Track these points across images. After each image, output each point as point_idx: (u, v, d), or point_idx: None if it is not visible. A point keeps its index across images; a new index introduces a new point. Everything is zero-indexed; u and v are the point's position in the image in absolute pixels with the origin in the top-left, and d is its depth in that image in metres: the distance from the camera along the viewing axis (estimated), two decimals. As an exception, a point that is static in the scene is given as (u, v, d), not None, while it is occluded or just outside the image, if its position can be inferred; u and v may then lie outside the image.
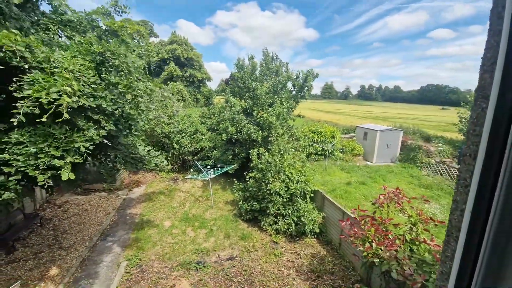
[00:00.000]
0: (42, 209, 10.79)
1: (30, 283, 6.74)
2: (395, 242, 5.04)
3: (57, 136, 4.20)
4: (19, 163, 4.01)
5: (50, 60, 4.23)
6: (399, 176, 15.44)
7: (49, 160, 4.07)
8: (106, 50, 4.88)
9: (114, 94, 5.02)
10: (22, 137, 4.11)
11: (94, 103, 4.58)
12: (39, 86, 3.91)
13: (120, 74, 4.98)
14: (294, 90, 14.78)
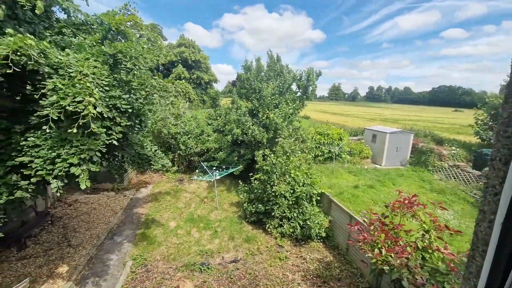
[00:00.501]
0: (53, 207, 11.00)
1: (39, 280, 6.83)
2: (406, 249, 4.85)
3: (75, 144, 4.24)
4: (37, 165, 4.08)
5: (65, 66, 4.28)
6: (410, 180, 15.04)
7: (67, 166, 4.13)
8: (118, 52, 4.93)
9: (127, 93, 5.07)
10: (38, 139, 4.16)
11: (110, 103, 4.64)
12: (62, 93, 3.97)
13: (133, 73, 5.03)
14: (299, 91, 14.65)
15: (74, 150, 4.16)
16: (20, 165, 4.19)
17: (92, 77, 4.32)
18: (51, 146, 4.09)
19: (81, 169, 4.13)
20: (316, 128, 19.66)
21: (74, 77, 4.12)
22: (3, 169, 4.20)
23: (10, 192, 4.27)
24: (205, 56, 51.08)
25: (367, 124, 32.57)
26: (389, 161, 18.21)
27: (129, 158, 7.15)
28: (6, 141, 4.31)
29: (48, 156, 4.03)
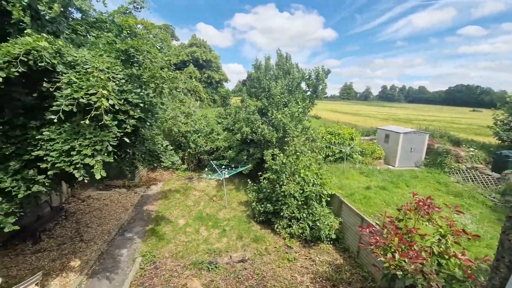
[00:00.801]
0: (67, 202, 11.32)
1: (52, 273, 7.03)
2: (421, 254, 4.63)
3: (88, 136, 4.33)
4: (53, 158, 4.18)
5: (80, 63, 4.37)
6: (425, 182, 14.51)
7: (82, 158, 4.22)
8: (130, 47, 4.98)
9: (138, 87, 5.13)
10: (52, 134, 4.26)
11: (123, 97, 4.70)
12: (76, 86, 4.06)
13: (144, 66, 5.09)
14: (309, 90, 14.41)
15: (87, 142, 4.25)
16: (36, 159, 4.30)
17: (106, 71, 4.39)
18: (65, 139, 4.19)
19: (95, 160, 4.22)
20: (327, 128, 19.31)
21: (90, 72, 4.22)
22: (20, 163, 4.32)
23: (27, 186, 4.39)
24: (216, 55, 51.37)
25: (379, 124, 31.78)
26: (403, 162, 17.66)
27: (140, 155, 7.22)
28: (23, 137, 4.45)
29: (63, 148, 4.13)
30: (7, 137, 4.33)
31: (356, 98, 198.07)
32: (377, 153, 18.36)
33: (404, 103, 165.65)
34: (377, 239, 5.19)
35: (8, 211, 4.39)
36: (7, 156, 4.31)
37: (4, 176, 4.15)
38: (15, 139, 4.38)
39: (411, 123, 37.01)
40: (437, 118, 52.13)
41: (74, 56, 4.33)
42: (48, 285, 6.57)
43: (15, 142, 4.39)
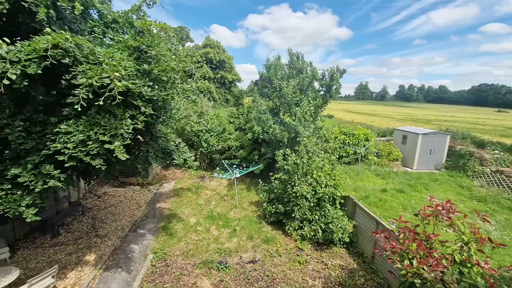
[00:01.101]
0: (84, 198, 11.71)
1: (68, 267, 7.25)
2: (441, 262, 4.34)
3: (103, 124, 4.46)
4: (70, 150, 4.31)
5: (95, 53, 4.51)
6: (445, 186, 13.81)
7: (98, 146, 4.34)
8: (142, 43, 5.04)
9: (151, 81, 5.19)
10: (69, 127, 4.39)
11: (136, 90, 4.77)
12: (91, 74, 4.21)
13: (156, 61, 5.15)
14: (322, 90, 14.07)
15: (103, 130, 4.38)
16: (53, 154, 4.43)
17: (118, 61, 4.52)
18: (81, 130, 4.33)
19: (114, 145, 4.35)
20: (341, 128, 18.86)
21: (102, 61, 4.36)
22: (39, 158, 4.47)
23: (44, 181, 4.53)
24: (230, 56, 51.77)
25: (396, 125, 30.69)
26: (422, 165, 16.91)
27: (153, 152, 7.30)
28: (42, 132, 4.62)
29: (79, 139, 4.28)
30: (28, 132, 4.50)
31: (372, 98, 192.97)
32: (394, 155, 17.73)
33: (423, 103, 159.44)
34: (393, 244, 4.92)
35: (29, 203, 4.56)
36: (27, 151, 4.47)
37: (23, 171, 4.31)
38: (35, 134, 4.56)
39: (430, 124, 35.50)
40: (459, 119, 49.74)
41: (91, 48, 4.47)
42: (64, 278, 6.78)
43: (35, 138, 4.56)
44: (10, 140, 4.32)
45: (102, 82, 4.12)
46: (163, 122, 6.29)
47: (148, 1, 6.27)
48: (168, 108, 6.10)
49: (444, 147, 16.81)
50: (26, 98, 4.60)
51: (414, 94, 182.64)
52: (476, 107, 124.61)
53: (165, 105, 5.96)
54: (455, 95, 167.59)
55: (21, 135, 4.37)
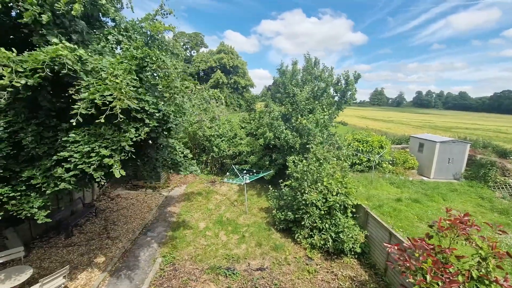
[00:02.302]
0: (98, 200, 12.05)
1: (79, 267, 7.43)
2: (457, 279, 4.09)
3: (107, 137, 4.57)
4: (76, 160, 4.46)
5: (99, 71, 4.63)
6: (464, 196, 13.14)
7: (99, 159, 4.43)
8: (147, 55, 5.15)
9: (155, 96, 5.27)
10: (77, 136, 4.54)
11: (139, 106, 4.86)
12: (93, 89, 4.30)
13: (159, 75, 5.23)
14: (337, 96, 13.85)
15: (106, 143, 4.47)
16: (63, 160, 4.58)
17: (122, 76, 4.60)
18: (87, 141, 4.44)
19: (113, 160, 4.41)
20: (354, 135, 18.49)
21: (105, 78, 4.44)
22: (50, 162, 4.64)
23: (55, 183, 4.69)
24: (243, 62, 52.49)
25: (413, 132, 29.73)
26: (439, 174, 16.22)
27: (161, 161, 7.42)
28: (54, 138, 4.79)
29: (85, 150, 4.38)
30: (41, 137, 4.69)
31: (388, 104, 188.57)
32: (409, 163, 17.13)
33: (441, 110, 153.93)
34: (407, 259, 4.68)
35: (41, 204, 4.73)
36: (40, 156, 4.66)
37: (36, 173, 4.50)
38: (47, 139, 4.73)
39: (450, 131, 34.13)
40: (481, 126, 47.50)
41: (93, 63, 4.59)
42: (75, 278, 6.94)
43: (47, 143, 4.74)
44: (24, 144, 4.50)
45: (104, 100, 4.21)
46: (168, 134, 6.38)
47: (162, 11, 6.45)
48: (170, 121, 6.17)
49: (464, 156, 16.06)
50: (39, 104, 4.80)
51: (432, 101, 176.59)
52: (499, 114, 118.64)
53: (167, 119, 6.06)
54: (476, 101, 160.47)
55: (34, 139, 4.55)
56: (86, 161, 4.34)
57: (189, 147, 16.24)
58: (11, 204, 4.49)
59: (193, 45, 57.97)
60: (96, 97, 4.19)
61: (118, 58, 5.03)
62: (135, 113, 4.91)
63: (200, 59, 51.36)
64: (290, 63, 14.00)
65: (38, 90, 4.46)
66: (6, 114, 4.41)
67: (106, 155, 4.41)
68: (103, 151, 4.40)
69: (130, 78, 4.70)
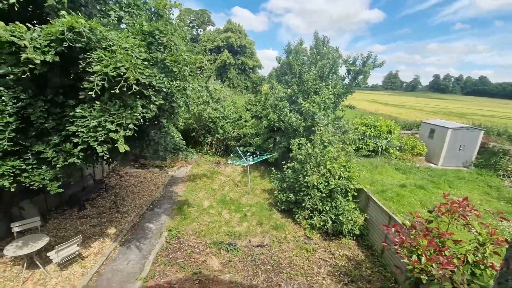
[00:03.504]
0: (108, 177, 12.55)
1: (92, 237, 7.93)
2: (452, 261, 4.16)
3: (112, 112, 4.66)
4: (83, 134, 4.60)
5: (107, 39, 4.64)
6: (472, 184, 12.95)
7: (105, 133, 4.55)
8: (155, 29, 5.12)
9: (163, 71, 5.30)
10: (84, 111, 4.66)
11: (147, 80, 4.91)
12: (106, 62, 4.33)
13: (168, 50, 5.21)
14: (348, 78, 13.35)
15: (112, 118, 4.56)
16: (71, 135, 4.75)
17: (130, 50, 4.59)
18: (94, 116, 4.54)
19: (118, 135, 4.51)
20: (362, 119, 18.15)
21: (115, 50, 4.45)
22: (59, 138, 4.83)
23: (65, 158, 4.91)
24: (251, 41, 50.99)
25: (426, 118, 28.89)
26: (448, 161, 15.91)
27: (163, 145, 7.56)
28: (62, 114, 4.94)
29: (91, 125, 4.49)
30: (49, 113, 4.84)
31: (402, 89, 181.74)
32: (418, 149, 16.83)
33: (459, 95, 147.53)
34: (403, 239, 4.78)
35: (52, 177, 4.99)
36: (48, 131, 4.84)
37: (46, 147, 4.70)
38: (55, 115, 4.89)
39: (464, 117, 33.00)
40: (498, 113, 45.59)
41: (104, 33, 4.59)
42: (88, 247, 7.44)
43: (55, 119, 4.90)
44: (33, 119, 4.67)
45: (117, 71, 4.24)
46: (170, 114, 6.42)
47: None
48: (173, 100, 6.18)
49: (476, 143, 15.62)
50: (46, 81, 4.88)
51: (450, 85, 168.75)
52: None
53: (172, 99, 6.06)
54: (497, 87, 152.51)
55: (42, 115, 4.70)
56: (92, 135, 4.47)
57: (194, 128, 16.38)
58: (24, 176, 4.76)
59: (200, 23, 56.45)
60: (108, 70, 4.23)
61: (125, 33, 5.02)
62: (143, 88, 4.98)
63: (207, 38, 50.09)
64: (297, 43, 13.52)
65: (51, 67, 4.54)
66: (14, 90, 4.55)
67: (112, 130, 4.53)
68: (109, 126, 4.51)
69: (138, 51, 4.71)
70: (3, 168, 4.51)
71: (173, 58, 5.17)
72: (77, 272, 6.48)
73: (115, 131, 4.50)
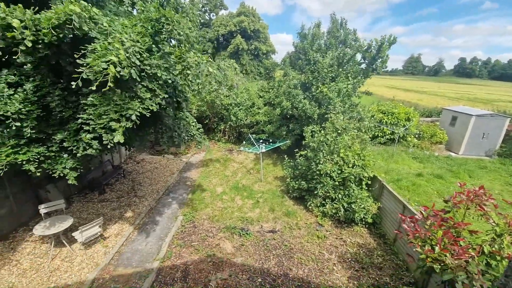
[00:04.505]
0: (125, 163, 13.05)
1: (112, 220, 8.39)
2: (467, 251, 4.07)
3: (118, 102, 4.66)
4: (94, 122, 4.69)
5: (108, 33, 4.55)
6: (494, 174, 12.36)
7: (107, 121, 4.59)
8: (162, 16, 5.03)
9: (168, 64, 5.27)
10: (95, 100, 4.75)
11: (151, 72, 4.90)
12: (97, 55, 4.20)
13: (175, 42, 5.15)
14: (365, 63, 12.80)
15: (116, 108, 4.60)
16: (84, 123, 4.89)
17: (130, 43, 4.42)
18: (101, 104, 4.59)
19: (118, 125, 4.55)
20: (379, 106, 17.52)
21: (110, 42, 4.32)
22: (76, 125, 5.02)
23: (84, 148, 5.09)
24: (265, 25, 49.61)
25: (449, 104, 27.51)
26: (470, 150, 15.20)
27: (177, 132, 7.67)
28: (77, 102, 5.11)
29: (99, 112, 4.59)
30: (66, 101, 5.02)
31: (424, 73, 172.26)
32: (437, 137, 16.15)
33: (486, 80, 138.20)
34: (417, 230, 4.70)
35: (72, 166, 5.25)
36: (67, 119, 5.04)
37: (68, 136, 4.92)
38: (71, 104, 5.06)
39: (490, 104, 31.11)
40: (529, 99, 42.44)
41: (105, 25, 4.53)
42: (109, 228, 7.89)
43: (72, 107, 5.07)
44: (52, 107, 4.84)
45: (99, 67, 4.06)
46: (177, 107, 6.40)
47: None
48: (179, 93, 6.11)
49: (501, 132, 14.75)
50: (61, 69, 4.95)
51: (476, 69, 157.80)
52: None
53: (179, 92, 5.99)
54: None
55: (60, 103, 4.86)
56: (99, 123, 4.57)
57: (207, 115, 16.50)
58: (47, 163, 5.03)
59: (212, 7, 55.29)
60: (96, 64, 4.08)
61: (133, 21, 5.01)
62: (148, 82, 4.96)
63: (220, 23, 49.21)
64: (313, 26, 12.97)
65: (58, 52, 4.58)
66: (34, 79, 4.73)
67: (114, 118, 4.55)
68: (112, 115, 4.55)
69: (143, 41, 4.67)
70: (28, 154, 4.78)
71: (179, 54, 5.09)
72: (99, 251, 6.93)
73: (117, 120, 4.53)
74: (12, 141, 4.71)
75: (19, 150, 4.77)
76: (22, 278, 5.90)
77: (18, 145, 4.79)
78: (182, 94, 6.28)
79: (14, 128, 4.56)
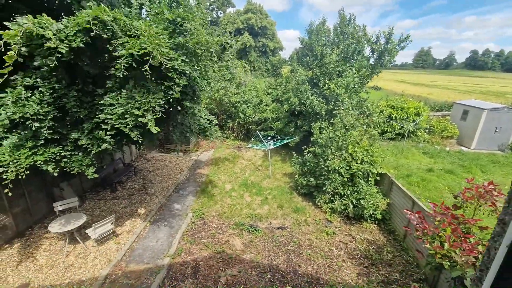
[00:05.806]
0: (136, 161, 13.33)
1: (124, 217, 8.63)
2: (476, 247, 4.04)
3: (138, 99, 4.88)
4: (112, 121, 4.91)
5: (132, 27, 4.80)
6: (507, 169, 12.05)
7: (133, 120, 4.82)
8: (177, 16, 5.16)
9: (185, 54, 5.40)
10: (112, 99, 4.94)
11: (170, 64, 5.06)
12: (130, 45, 4.52)
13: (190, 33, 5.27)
14: (373, 57, 12.60)
15: (137, 105, 4.80)
16: (102, 122, 5.09)
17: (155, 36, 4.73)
18: (121, 104, 4.81)
19: (147, 119, 4.78)
20: (388, 101, 17.24)
21: (139, 35, 4.62)
22: (91, 125, 5.21)
23: (98, 144, 5.30)
24: (272, 22, 49.30)
25: (460, 98, 26.79)
26: (482, 144, 14.84)
27: (188, 126, 7.81)
28: (92, 102, 5.29)
29: (120, 112, 4.79)
30: (81, 102, 5.20)
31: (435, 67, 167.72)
32: (448, 132, 15.82)
33: (499, 73, 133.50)
34: (426, 226, 4.69)
35: (88, 162, 5.45)
36: (82, 119, 5.22)
37: (82, 135, 5.10)
38: (86, 104, 5.24)
39: (504, 97, 30.13)
40: (547, 91, 40.83)
41: (127, 22, 4.74)
42: (121, 225, 8.14)
43: (87, 107, 5.25)
44: (67, 108, 5.03)
45: (144, 51, 4.39)
46: (193, 98, 6.55)
47: None
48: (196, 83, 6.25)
49: (515, 125, 14.31)
50: (77, 71, 5.15)
51: (489, 61, 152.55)
52: None
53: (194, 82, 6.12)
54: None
55: (75, 104, 5.06)
56: (123, 122, 4.76)
57: (215, 113, 16.63)
58: (64, 162, 5.24)
59: (220, 5, 55.18)
60: (134, 51, 4.39)
61: (147, 22, 5.15)
62: (167, 71, 5.14)
63: (227, 21, 49.18)
64: (319, 22, 12.88)
65: (80, 55, 4.78)
66: (50, 81, 4.91)
67: (139, 115, 4.78)
68: (136, 112, 4.75)
69: (162, 37, 4.84)
70: (45, 155, 4.99)
71: (196, 41, 5.23)
72: (112, 248, 7.16)
73: (142, 115, 4.73)
74: (30, 143, 4.92)
75: (37, 151, 4.98)
76: (39, 274, 6.16)
77: (36, 146, 5.00)
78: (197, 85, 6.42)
79: (33, 130, 4.76)
